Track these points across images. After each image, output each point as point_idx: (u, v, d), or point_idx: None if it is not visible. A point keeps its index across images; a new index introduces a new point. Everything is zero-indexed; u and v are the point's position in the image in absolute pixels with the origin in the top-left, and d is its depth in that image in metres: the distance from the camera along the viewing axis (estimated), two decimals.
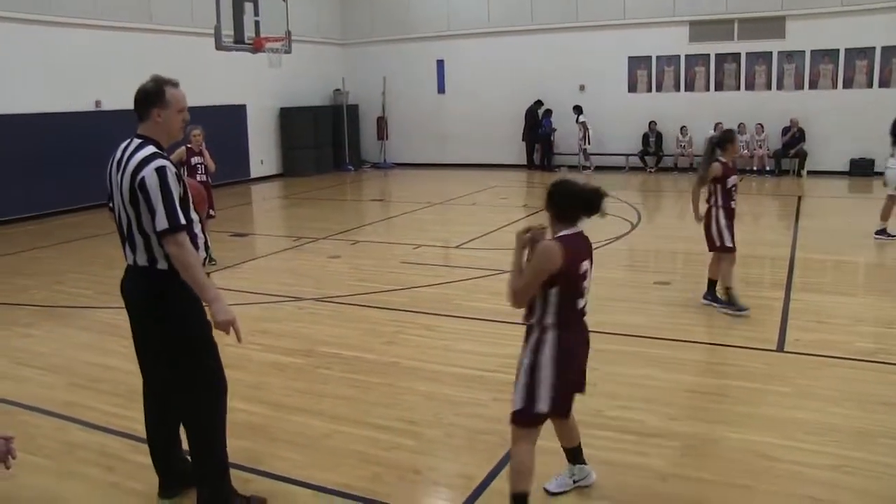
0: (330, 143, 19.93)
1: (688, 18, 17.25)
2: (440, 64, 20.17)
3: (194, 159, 8.93)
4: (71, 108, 13.41)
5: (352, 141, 20.43)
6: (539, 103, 18.78)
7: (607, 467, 3.80)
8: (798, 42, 16.39)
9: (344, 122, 20.05)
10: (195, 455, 3.47)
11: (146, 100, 3.27)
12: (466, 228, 11.09)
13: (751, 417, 4.45)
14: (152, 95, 3.27)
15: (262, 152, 18.49)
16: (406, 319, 6.62)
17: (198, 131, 8.88)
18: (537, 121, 18.77)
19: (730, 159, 6.48)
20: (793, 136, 16.48)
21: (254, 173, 18.19)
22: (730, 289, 6.47)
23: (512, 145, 19.39)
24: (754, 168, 16.71)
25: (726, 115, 16.41)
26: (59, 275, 8.83)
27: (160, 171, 3.13)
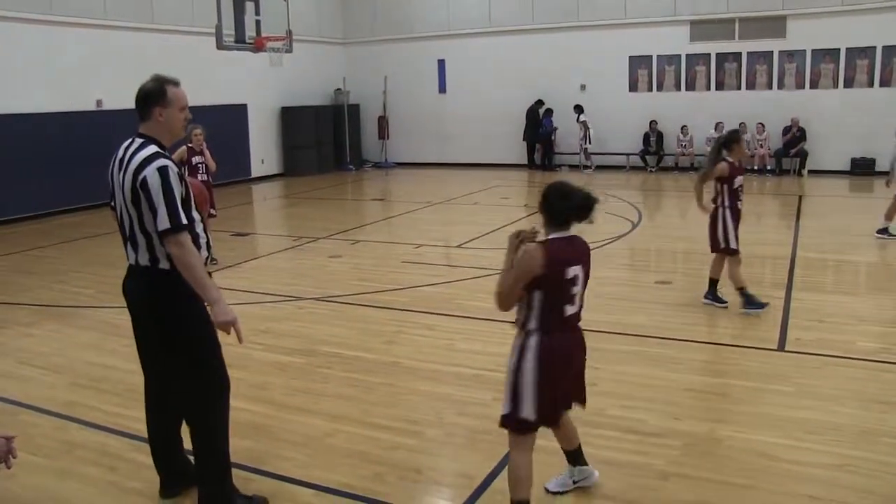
0: (331, 142, 19.93)
1: (688, 18, 17.25)
2: (441, 63, 20.17)
3: (195, 159, 8.94)
4: (72, 108, 13.42)
5: (353, 140, 20.42)
6: (540, 103, 18.77)
7: (608, 466, 3.80)
8: (799, 41, 16.38)
9: (345, 121, 20.03)
10: (198, 454, 3.46)
11: (148, 99, 3.27)
12: (467, 228, 11.08)
13: (752, 417, 4.45)
14: (154, 94, 3.26)
15: (263, 152, 18.49)
16: (407, 319, 6.62)
17: (199, 131, 8.90)
18: (538, 120, 18.76)
19: (736, 159, 6.47)
20: (793, 136, 16.47)
21: (255, 173, 18.19)
22: (743, 289, 6.45)
23: (513, 145, 19.39)
24: (755, 167, 16.69)
25: (727, 115, 16.42)
26: (60, 274, 8.84)
27: (162, 170, 3.13)
